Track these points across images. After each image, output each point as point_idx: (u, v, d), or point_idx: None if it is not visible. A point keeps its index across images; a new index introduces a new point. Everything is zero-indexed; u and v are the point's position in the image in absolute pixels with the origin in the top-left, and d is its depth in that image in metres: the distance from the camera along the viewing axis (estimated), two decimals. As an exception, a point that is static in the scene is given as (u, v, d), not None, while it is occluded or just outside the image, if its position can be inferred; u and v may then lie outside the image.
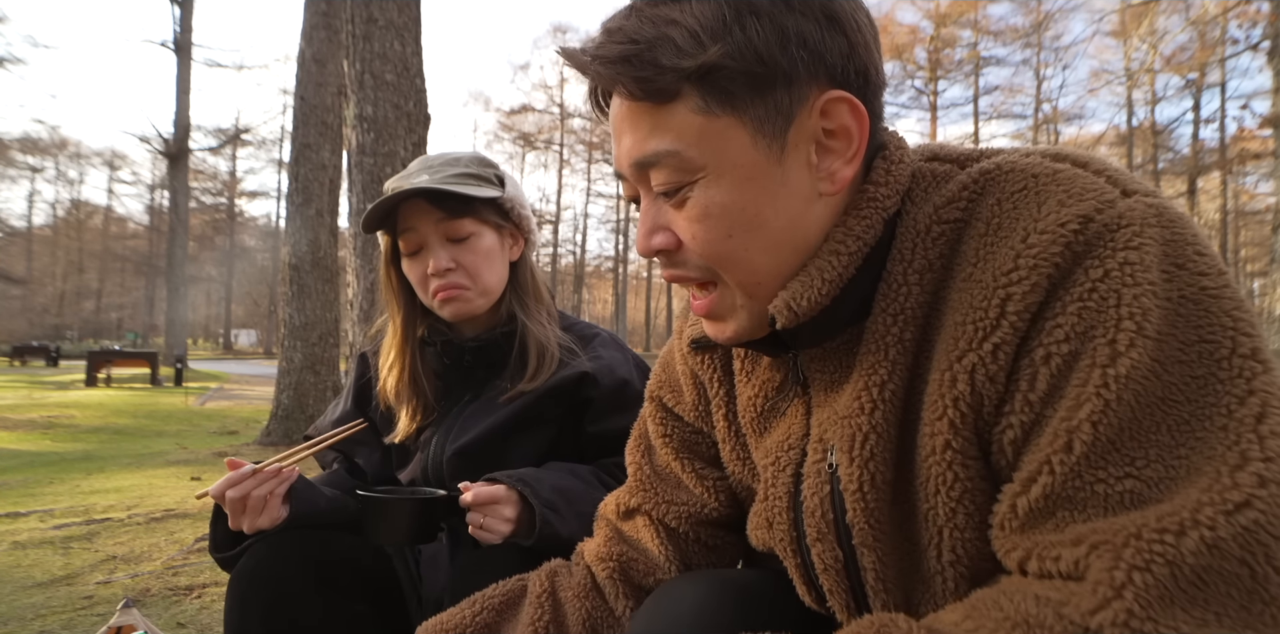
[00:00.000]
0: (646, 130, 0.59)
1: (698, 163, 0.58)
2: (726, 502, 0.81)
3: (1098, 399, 0.49)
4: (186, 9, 20.89)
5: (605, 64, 0.57)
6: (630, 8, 0.59)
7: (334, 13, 6.51)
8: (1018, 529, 0.52)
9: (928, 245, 0.59)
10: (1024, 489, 0.52)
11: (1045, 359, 0.52)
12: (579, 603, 0.82)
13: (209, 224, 40.25)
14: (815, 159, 0.59)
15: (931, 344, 0.58)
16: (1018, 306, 0.52)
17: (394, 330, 1.26)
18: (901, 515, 0.61)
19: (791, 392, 0.70)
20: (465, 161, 1.23)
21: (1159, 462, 0.48)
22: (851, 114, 0.58)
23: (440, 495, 1.06)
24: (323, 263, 6.74)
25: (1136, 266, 0.50)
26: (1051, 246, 0.52)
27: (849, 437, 0.61)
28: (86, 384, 14.28)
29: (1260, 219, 24.22)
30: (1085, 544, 0.47)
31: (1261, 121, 10.59)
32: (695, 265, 0.62)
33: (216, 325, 51.58)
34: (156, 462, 5.71)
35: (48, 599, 2.33)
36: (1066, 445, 0.49)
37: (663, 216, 0.62)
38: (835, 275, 0.59)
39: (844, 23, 0.57)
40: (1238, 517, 0.44)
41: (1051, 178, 0.56)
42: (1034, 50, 28.55)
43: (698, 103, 0.57)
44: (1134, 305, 0.49)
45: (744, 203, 0.58)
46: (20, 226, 42.71)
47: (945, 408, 0.56)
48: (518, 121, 41.21)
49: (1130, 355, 0.48)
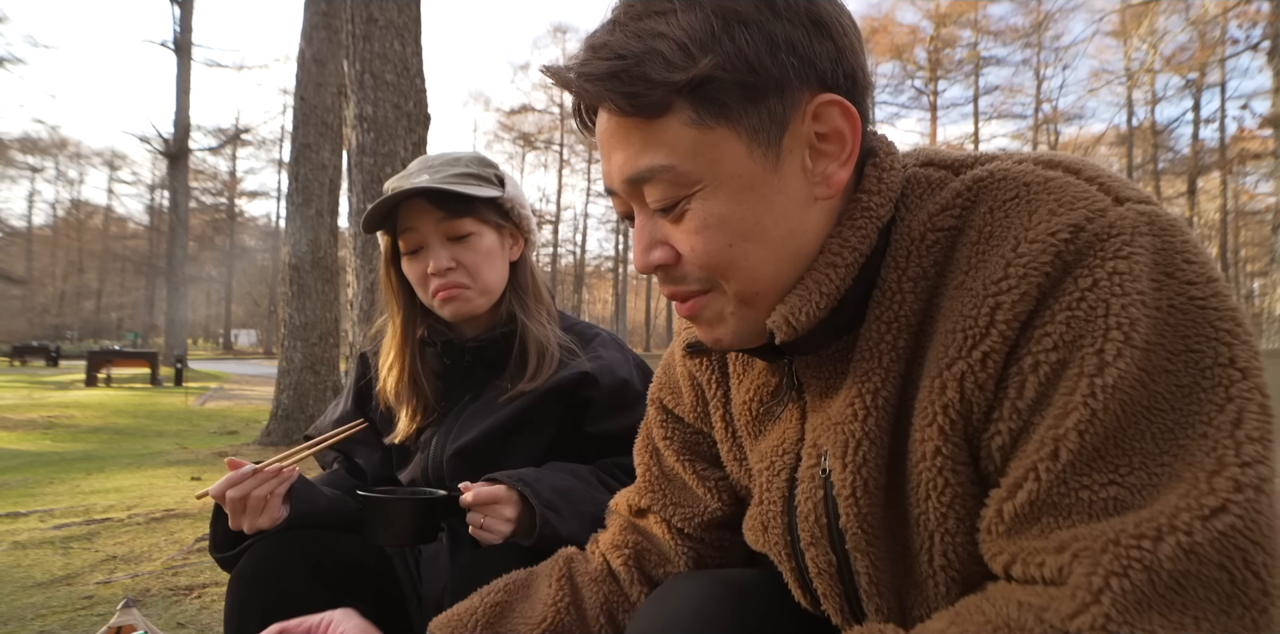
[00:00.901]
0: (638, 146, 0.58)
1: (693, 176, 0.58)
2: (729, 501, 0.82)
3: (1084, 408, 0.49)
4: (186, 9, 20.91)
5: (592, 81, 0.57)
6: (613, 22, 0.58)
7: (334, 13, 6.51)
8: (1004, 534, 0.53)
9: (921, 253, 0.59)
10: (1010, 495, 0.52)
11: (1034, 367, 0.52)
12: (596, 587, 0.83)
13: (209, 224, 40.24)
14: (810, 163, 0.59)
15: (924, 351, 0.59)
16: (1007, 315, 0.53)
17: (394, 330, 1.26)
18: (894, 520, 0.61)
19: (787, 396, 0.70)
20: (465, 161, 1.23)
21: (1142, 469, 0.48)
22: (844, 116, 0.58)
23: (440, 496, 1.06)
24: (323, 263, 6.74)
25: (1126, 276, 0.50)
26: (1041, 256, 0.52)
27: (842, 443, 0.61)
28: (86, 384, 14.28)
29: (1260, 219, 24.22)
30: (1068, 551, 0.48)
31: (1261, 121, 10.60)
32: (695, 278, 0.62)
33: (216, 325, 51.60)
34: (156, 462, 5.71)
35: (48, 599, 2.33)
36: (1053, 453, 0.50)
37: (660, 231, 0.62)
38: (833, 288, 0.59)
39: (830, 27, 0.57)
40: (1214, 522, 0.45)
41: (1043, 186, 0.56)
42: (1034, 50, 28.56)
43: (690, 116, 0.56)
44: (1122, 315, 0.50)
45: (743, 213, 0.58)
46: (20, 226, 42.77)
47: (935, 414, 0.56)
48: (518, 121, 41.25)
49: (1117, 365, 0.49)
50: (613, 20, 0.59)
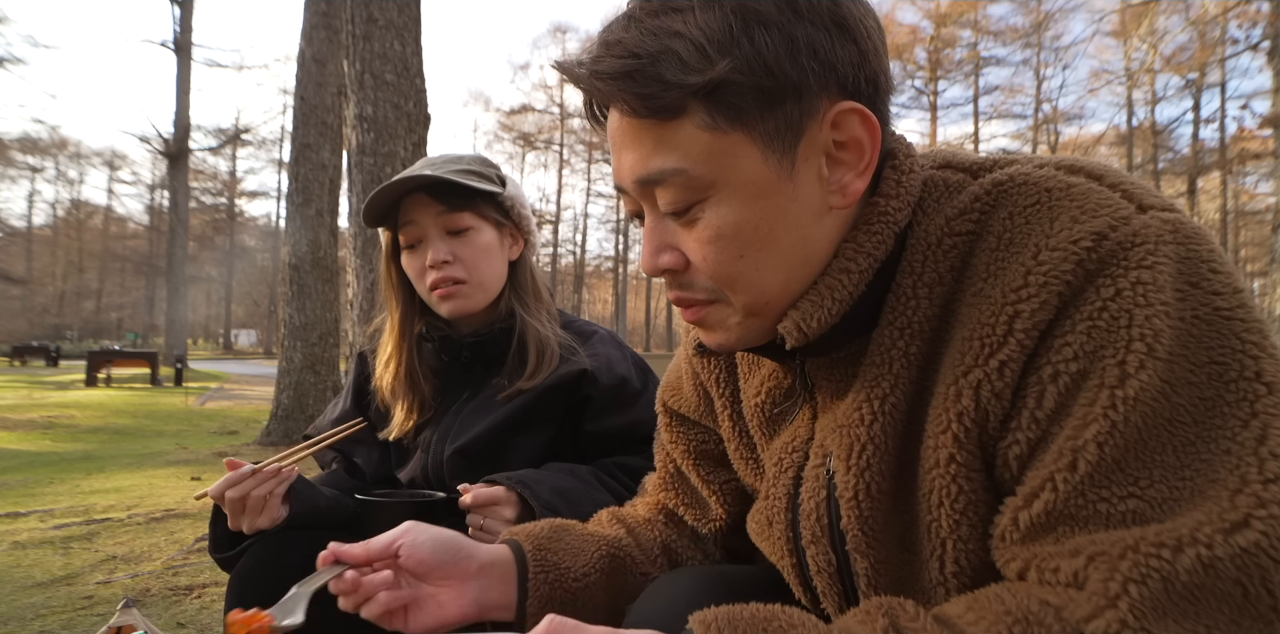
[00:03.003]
0: (650, 147, 0.57)
1: (705, 181, 0.56)
2: (734, 505, 0.83)
3: (1104, 420, 0.48)
4: (186, 9, 20.90)
5: (605, 80, 0.55)
6: (629, 17, 0.56)
7: (334, 13, 6.51)
8: (1018, 542, 0.52)
9: (938, 258, 0.58)
10: (1026, 504, 0.52)
11: (1054, 377, 0.51)
12: (649, 526, 0.88)
13: (209, 224, 40.23)
14: (826, 172, 0.57)
15: (939, 357, 0.58)
16: (1026, 324, 0.52)
17: (391, 326, 1.26)
18: (902, 525, 0.61)
19: (799, 397, 0.70)
20: (467, 161, 1.24)
21: (1163, 482, 0.48)
22: (863, 125, 0.56)
23: (439, 497, 1.06)
24: (323, 263, 6.74)
25: (1149, 286, 0.49)
26: (1063, 264, 0.51)
27: (847, 446, 0.61)
28: (86, 384, 14.28)
29: (1260, 219, 24.22)
30: (1083, 555, 0.48)
31: (1261, 121, 10.59)
32: (702, 287, 0.61)
33: (216, 325, 51.59)
34: (156, 462, 5.71)
35: (48, 599, 2.33)
36: (1071, 464, 0.49)
37: (671, 236, 0.60)
38: (846, 294, 0.58)
39: (854, 30, 0.55)
40: (1236, 537, 0.44)
41: (1065, 192, 0.55)
42: (1034, 50, 28.59)
43: (704, 119, 0.54)
44: (1145, 326, 0.49)
45: (756, 221, 0.57)
46: (20, 226, 42.75)
47: (949, 422, 0.55)
48: (518, 121, 41.30)
49: (1139, 377, 0.48)
50: (628, 15, 0.57)
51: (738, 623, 0.52)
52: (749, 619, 0.52)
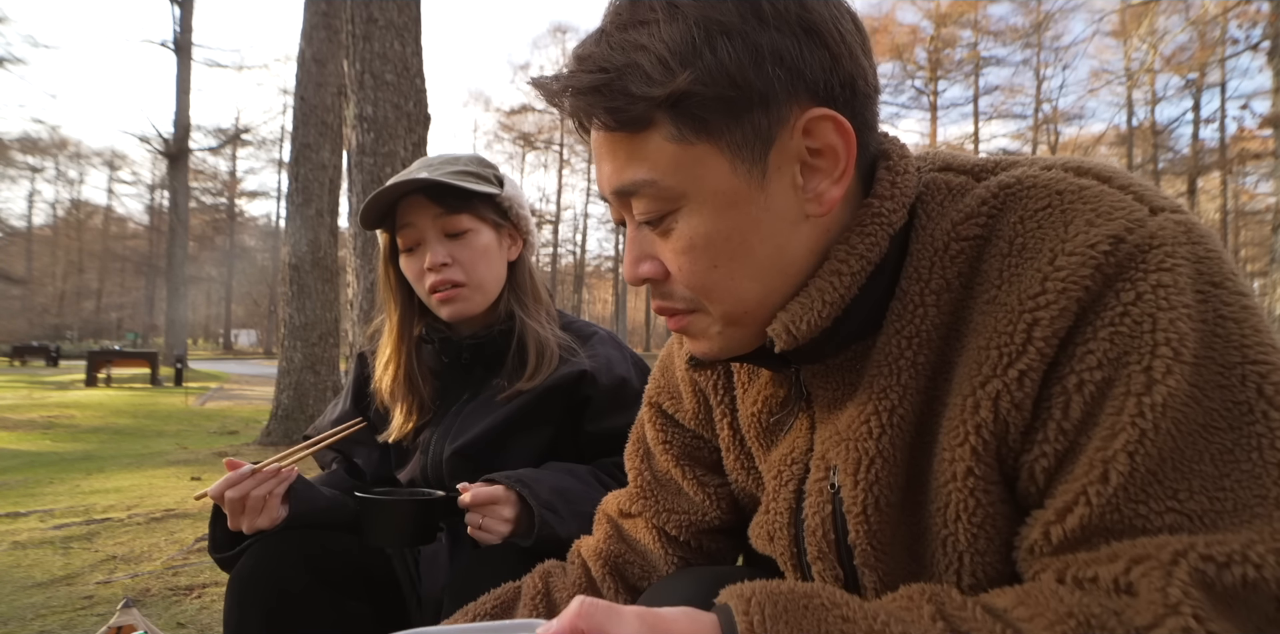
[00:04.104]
0: (624, 159, 0.57)
1: (676, 192, 0.56)
2: (728, 509, 0.81)
3: (1133, 429, 0.47)
4: (186, 9, 20.90)
5: (577, 95, 0.56)
6: (600, 32, 0.57)
7: (334, 13, 6.51)
8: (1049, 554, 0.51)
9: (945, 264, 0.57)
10: (1059, 518, 0.50)
11: (1078, 387, 0.50)
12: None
13: (209, 224, 40.23)
14: (801, 180, 0.57)
15: (950, 367, 0.57)
16: (1045, 332, 0.51)
17: (390, 328, 1.26)
18: (911, 537, 0.60)
19: (796, 407, 0.68)
20: (465, 161, 1.23)
21: (1203, 493, 0.46)
22: (837, 132, 0.55)
23: (438, 496, 1.06)
24: (323, 263, 6.74)
25: (1170, 289, 0.49)
26: (1081, 269, 0.50)
27: (854, 460, 0.59)
28: (86, 384, 14.28)
29: (1260, 219, 24.21)
30: (1123, 559, 0.47)
31: (1261, 121, 10.59)
32: (681, 297, 0.61)
33: (216, 325, 51.59)
34: (156, 462, 5.71)
35: (48, 599, 2.33)
36: (1102, 476, 0.48)
37: (649, 246, 0.61)
38: (837, 297, 0.57)
39: (824, 34, 0.54)
40: None
41: (1078, 195, 0.54)
42: (1034, 50, 28.54)
43: (671, 131, 0.55)
44: (1170, 330, 0.48)
45: (728, 231, 0.56)
46: (20, 226, 42.73)
47: (967, 435, 0.54)
48: (518, 121, 41.22)
49: (1167, 383, 0.47)
50: (600, 29, 0.57)
51: (778, 598, 0.48)
52: (788, 594, 0.48)
